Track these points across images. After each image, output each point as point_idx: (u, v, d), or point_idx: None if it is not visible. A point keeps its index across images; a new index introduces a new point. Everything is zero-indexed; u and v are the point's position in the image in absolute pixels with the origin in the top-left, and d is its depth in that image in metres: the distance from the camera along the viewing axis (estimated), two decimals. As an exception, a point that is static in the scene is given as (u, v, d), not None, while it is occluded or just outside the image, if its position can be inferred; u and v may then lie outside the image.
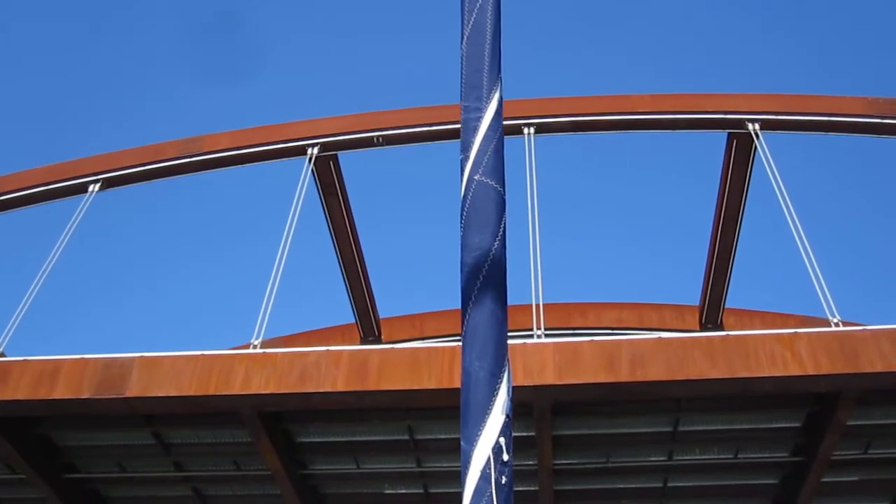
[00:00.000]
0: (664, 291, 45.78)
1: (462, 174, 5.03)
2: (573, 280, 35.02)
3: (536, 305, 12.06)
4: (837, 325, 11.38)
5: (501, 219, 4.90)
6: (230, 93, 44.83)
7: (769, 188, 13.85)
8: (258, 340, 12.01)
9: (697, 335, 12.43)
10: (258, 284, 13.15)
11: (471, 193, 4.93)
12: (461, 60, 5.43)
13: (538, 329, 11.63)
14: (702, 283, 16.99)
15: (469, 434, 4.36)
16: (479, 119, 5.17)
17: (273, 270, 13.13)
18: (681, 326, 17.74)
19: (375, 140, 15.22)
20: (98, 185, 15.35)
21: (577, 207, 35.19)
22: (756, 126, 14.46)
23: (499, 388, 4.47)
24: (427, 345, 13.64)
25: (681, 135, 15.90)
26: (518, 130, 14.73)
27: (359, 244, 16.67)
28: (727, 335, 11.09)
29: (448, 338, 17.43)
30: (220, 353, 11.44)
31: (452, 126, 14.83)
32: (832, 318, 11.51)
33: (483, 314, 4.63)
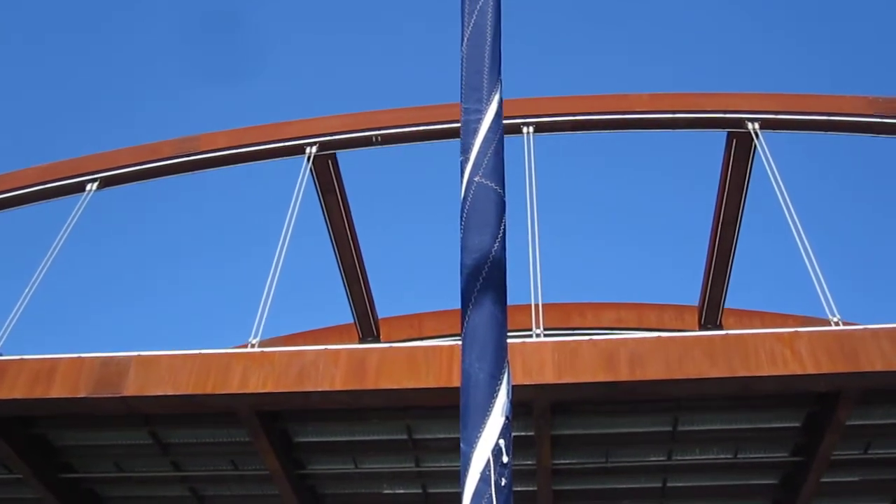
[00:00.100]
0: (663, 292, 45.77)
1: (462, 176, 5.01)
2: (572, 280, 35.01)
3: (536, 305, 12.01)
4: (837, 325, 11.33)
5: (501, 220, 4.89)
6: (230, 92, 44.86)
7: (769, 188, 13.84)
8: (256, 340, 11.97)
9: (697, 334, 12.42)
10: (257, 285, 13.10)
11: (471, 195, 4.91)
12: (461, 62, 5.42)
13: (537, 328, 11.58)
14: (701, 283, 16.96)
15: (468, 436, 4.34)
16: (479, 121, 5.15)
17: (271, 270, 13.11)
18: (680, 327, 17.70)
19: (374, 139, 15.18)
20: (95, 185, 15.31)
21: (576, 207, 35.19)
22: (756, 125, 14.43)
23: (498, 390, 4.45)
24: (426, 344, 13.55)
25: (680, 134, 15.88)
26: (517, 129, 14.69)
27: (357, 244, 16.63)
28: (727, 334, 11.05)
29: (447, 338, 17.37)
30: (218, 352, 11.38)
31: (451, 125, 14.79)
32: (832, 318, 11.48)
33: (483, 316, 4.61)
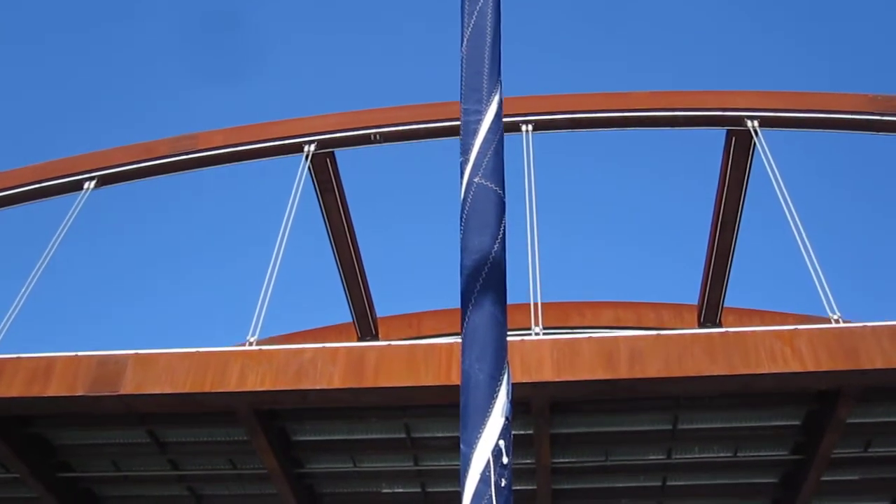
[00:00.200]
0: (662, 291, 45.73)
1: (462, 177, 5.04)
2: (571, 279, 34.99)
3: (534, 301, 11.96)
4: (838, 322, 11.29)
5: (501, 221, 4.91)
6: (229, 92, 44.80)
7: (768, 186, 13.79)
8: (254, 338, 11.92)
9: (696, 332, 12.37)
10: (255, 284, 13.04)
11: (470, 196, 4.94)
12: (461, 63, 5.44)
13: (536, 326, 11.53)
14: (700, 282, 16.91)
15: (468, 437, 4.36)
16: (479, 122, 5.18)
17: (269, 269, 13.05)
18: (679, 325, 17.65)
19: (373, 137, 15.13)
20: (93, 183, 15.24)
21: (575, 206, 35.19)
22: (755, 123, 14.37)
23: (498, 391, 4.47)
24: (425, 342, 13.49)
25: (679, 133, 15.83)
26: (516, 127, 14.63)
27: (356, 243, 16.58)
28: (726, 332, 11.02)
29: (446, 337, 17.31)
30: (216, 350, 11.33)
31: (450, 123, 14.75)
32: (832, 315, 11.43)
33: (483, 316, 4.63)
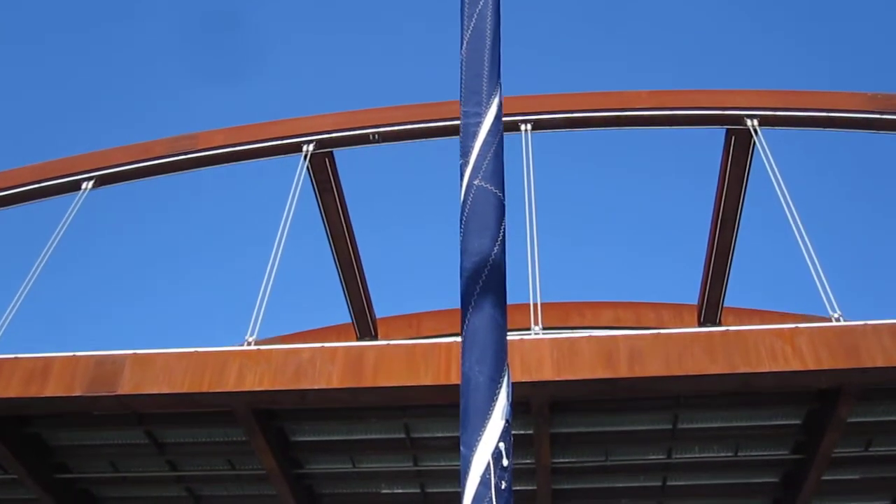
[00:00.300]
0: (662, 291, 45.68)
1: (461, 179, 5.06)
2: (570, 280, 34.95)
3: (534, 300, 11.92)
4: (838, 320, 11.25)
5: (501, 224, 4.93)
6: (229, 92, 44.74)
7: (767, 186, 13.75)
8: (252, 337, 11.87)
9: (696, 330, 12.34)
10: (253, 284, 12.99)
11: (470, 198, 4.96)
12: (461, 65, 5.46)
13: (536, 325, 11.49)
14: (700, 282, 16.87)
15: (469, 439, 4.37)
16: (479, 124, 5.20)
17: (268, 267, 13.01)
18: (679, 325, 17.61)
19: (371, 137, 15.09)
20: (91, 183, 15.20)
21: (574, 206, 35.15)
22: (754, 122, 14.34)
23: (498, 393, 4.48)
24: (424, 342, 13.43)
25: (679, 132, 15.79)
26: (515, 127, 14.59)
27: (355, 243, 16.54)
28: (727, 330, 10.97)
29: (446, 337, 17.27)
30: (214, 350, 11.28)
31: (448, 123, 14.72)
32: (833, 314, 11.38)
33: (483, 319, 4.64)
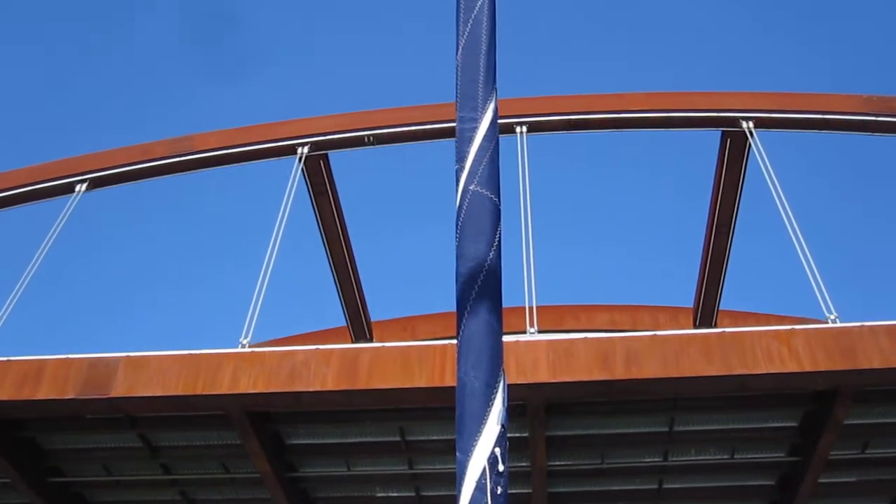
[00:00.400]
0: (658, 294, 45.60)
1: (457, 184, 5.06)
2: (566, 283, 34.89)
3: (529, 302, 11.87)
4: (834, 322, 11.22)
5: (496, 229, 4.94)
6: (229, 93, 44.60)
7: (763, 188, 13.72)
8: (247, 340, 11.80)
9: (693, 332, 12.29)
10: (248, 287, 12.92)
11: (466, 203, 4.97)
12: (456, 71, 5.47)
13: (531, 327, 11.44)
14: (696, 285, 16.83)
15: (464, 444, 4.36)
16: (475, 129, 5.21)
17: (262, 269, 12.95)
18: (675, 328, 17.56)
19: (366, 139, 15.04)
20: (85, 185, 15.13)
21: (569, 209, 35.00)
22: (750, 124, 14.32)
23: (494, 399, 4.48)
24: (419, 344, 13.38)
25: (674, 134, 15.77)
26: (510, 129, 14.55)
27: (350, 245, 16.48)
28: (723, 332, 10.93)
29: (441, 341, 17.22)
30: (208, 353, 11.21)
31: (444, 125, 14.68)
32: (829, 315, 11.35)
33: (478, 324, 4.64)
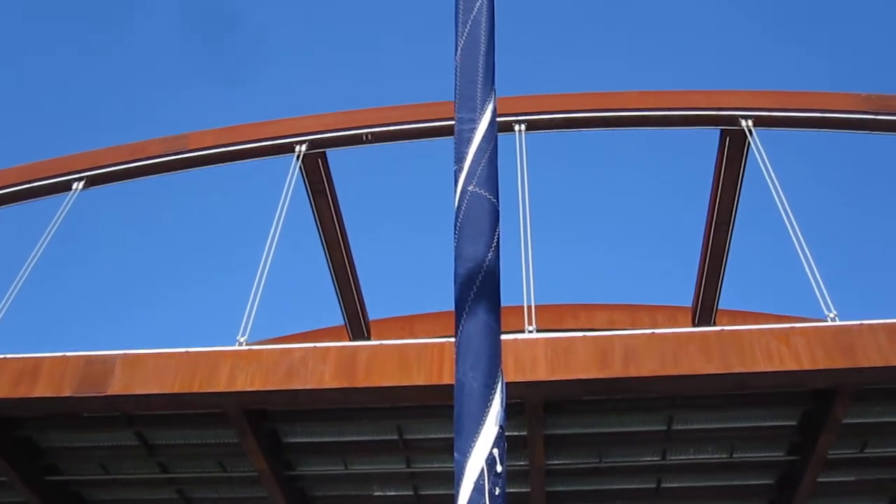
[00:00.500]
0: (657, 294, 45.61)
1: (456, 185, 5.06)
2: (564, 282, 34.87)
3: (528, 300, 11.84)
4: (833, 320, 11.19)
5: (495, 229, 4.94)
6: (227, 93, 44.53)
7: (762, 188, 13.69)
8: (244, 337, 11.76)
9: (692, 330, 12.29)
10: (246, 286, 12.87)
11: (464, 204, 4.97)
12: (455, 72, 5.46)
13: (530, 325, 11.40)
14: (694, 284, 16.81)
15: (462, 445, 4.36)
16: (473, 130, 5.21)
17: (259, 267, 12.91)
18: (674, 327, 17.53)
19: (364, 137, 15.00)
20: (82, 184, 15.09)
21: (568, 207, 34.94)
22: (749, 122, 14.30)
23: (492, 399, 4.48)
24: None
25: (673, 133, 15.74)
26: (509, 127, 14.52)
27: (348, 244, 16.45)
28: (722, 330, 10.90)
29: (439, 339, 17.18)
30: (205, 350, 11.17)
31: (442, 123, 14.65)
32: (828, 314, 11.31)
33: (477, 325, 4.64)
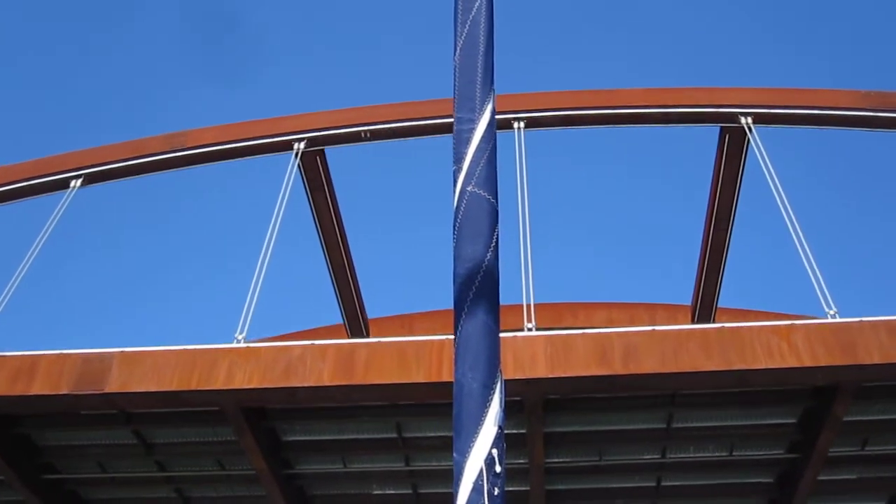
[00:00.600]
0: (656, 292, 45.58)
1: (455, 185, 5.05)
2: (564, 281, 34.84)
3: (527, 297, 11.80)
4: (834, 317, 11.15)
5: (494, 230, 4.93)
6: (227, 93, 44.56)
7: (762, 185, 13.66)
8: (242, 335, 11.72)
9: (692, 327, 12.25)
10: (244, 284, 12.82)
11: (464, 204, 4.96)
12: (454, 71, 5.45)
13: (529, 322, 11.36)
14: (694, 282, 16.78)
15: (461, 446, 4.35)
16: (472, 130, 5.20)
17: (258, 265, 12.86)
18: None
19: (363, 135, 14.96)
20: (80, 181, 15.05)
21: (567, 205, 34.99)
22: (749, 120, 14.27)
23: (491, 400, 4.48)
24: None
25: (673, 131, 15.72)
26: (508, 125, 14.48)
27: (346, 242, 16.42)
28: (722, 327, 10.86)
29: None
30: (203, 347, 11.12)
31: (441, 121, 14.61)
32: (829, 311, 11.28)
33: (476, 325, 4.64)
